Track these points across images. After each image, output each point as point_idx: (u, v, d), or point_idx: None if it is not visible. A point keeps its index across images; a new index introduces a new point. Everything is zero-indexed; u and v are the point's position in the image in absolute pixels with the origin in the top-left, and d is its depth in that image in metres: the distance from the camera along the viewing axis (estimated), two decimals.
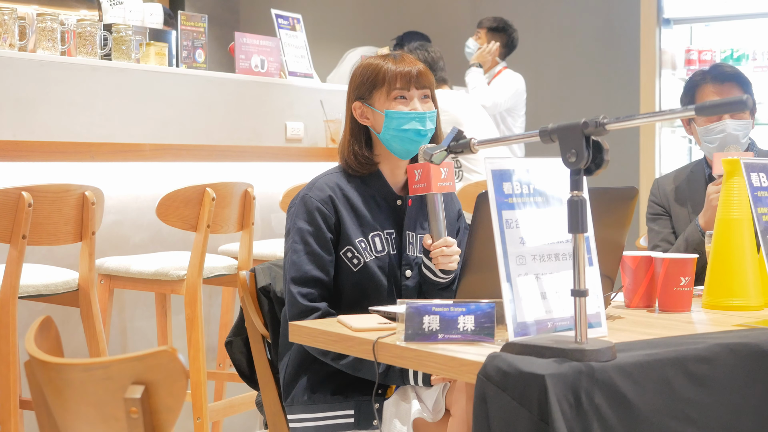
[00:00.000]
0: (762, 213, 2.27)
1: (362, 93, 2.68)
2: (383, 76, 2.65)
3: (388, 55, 2.70)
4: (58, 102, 3.97)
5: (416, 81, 2.65)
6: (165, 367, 1.50)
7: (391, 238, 2.65)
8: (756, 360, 2.00)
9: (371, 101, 2.66)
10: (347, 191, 2.65)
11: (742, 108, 1.78)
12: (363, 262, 2.59)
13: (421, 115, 2.64)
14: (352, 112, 2.70)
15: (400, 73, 2.64)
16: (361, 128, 2.70)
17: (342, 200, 2.62)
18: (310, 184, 2.67)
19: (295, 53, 5.19)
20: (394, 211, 2.69)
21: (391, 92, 2.64)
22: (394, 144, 2.64)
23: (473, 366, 1.87)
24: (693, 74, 3.43)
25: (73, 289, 3.36)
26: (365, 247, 2.61)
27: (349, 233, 2.59)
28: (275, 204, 4.57)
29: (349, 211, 2.62)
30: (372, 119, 2.67)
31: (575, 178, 1.86)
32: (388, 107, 2.64)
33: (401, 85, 2.64)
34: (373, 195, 2.67)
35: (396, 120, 2.62)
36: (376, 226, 2.64)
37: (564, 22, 7.75)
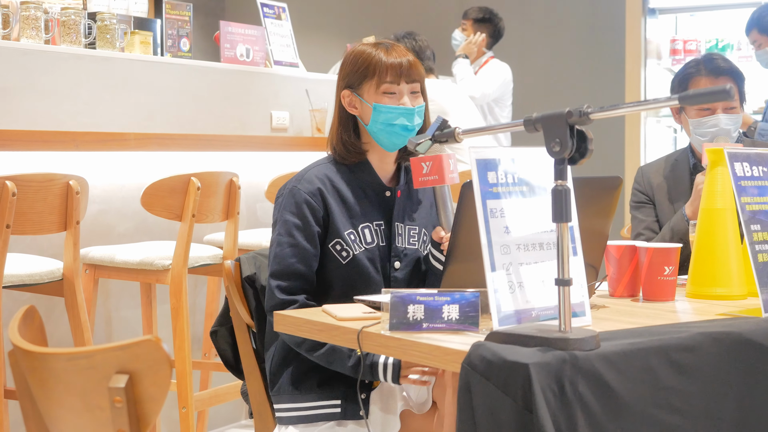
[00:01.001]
0: (746, 202, 2.28)
1: (352, 82, 2.66)
2: (374, 68, 2.62)
3: (379, 43, 2.67)
4: (42, 91, 3.95)
5: (406, 74, 2.62)
6: (149, 356, 1.50)
7: (381, 230, 2.64)
8: (739, 349, 2.01)
9: (360, 91, 2.64)
10: (337, 182, 2.63)
11: (725, 97, 1.78)
12: (352, 255, 2.58)
13: (409, 111, 2.62)
14: (341, 100, 2.68)
15: (391, 65, 2.61)
16: (350, 116, 2.68)
17: (332, 192, 2.61)
18: (299, 176, 2.64)
19: (281, 42, 5.18)
20: (383, 201, 2.67)
21: (380, 85, 2.61)
22: (381, 137, 2.63)
23: (457, 355, 1.87)
24: (686, 64, 3.42)
25: (57, 278, 3.35)
26: (354, 239, 2.59)
27: (338, 225, 2.58)
28: (260, 193, 4.56)
29: (338, 203, 2.60)
30: (360, 109, 2.65)
31: (559, 167, 1.86)
32: (377, 100, 2.61)
33: (391, 78, 2.61)
34: (362, 186, 2.66)
35: (384, 114, 2.60)
36: (366, 217, 2.63)
37: (550, 12, 7.75)
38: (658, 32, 7.24)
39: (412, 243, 2.67)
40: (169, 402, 3.63)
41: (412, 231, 2.67)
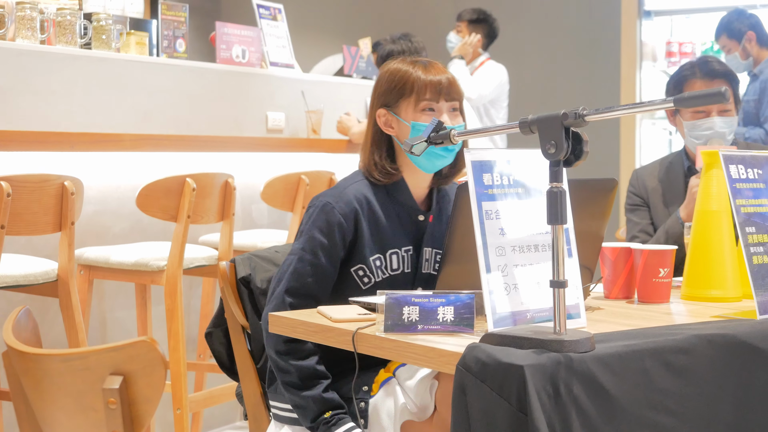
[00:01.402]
0: (740, 205, 2.28)
1: (388, 100, 2.56)
2: (412, 85, 2.53)
3: (416, 61, 2.58)
4: (38, 91, 3.95)
5: (446, 92, 2.54)
6: (143, 358, 1.50)
7: (408, 255, 2.56)
8: (733, 351, 2.01)
9: (397, 110, 2.55)
10: (373, 205, 2.53)
11: (720, 100, 1.78)
12: (373, 282, 2.51)
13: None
14: (376, 120, 2.59)
15: (431, 82, 2.52)
16: (384, 137, 2.58)
17: (367, 214, 2.52)
18: (338, 193, 2.53)
19: (277, 43, 5.18)
20: (414, 226, 2.58)
21: (419, 103, 2.52)
22: (419, 159, 2.52)
23: (452, 357, 1.87)
24: (681, 67, 3.43)
25: (52, 279, 3.35)
26: (380, 265, 2.52)
27: (365, 250, 2.50)
28: (256, 194, 4.56)
29: (371, 227, 2.52)
30: (397, 129, 2.56)
31: (554, 169, 1.86)
32: (415, 119, 2.53)
33: (430, 96, 2.52)
34: (396, 209, 2.57)
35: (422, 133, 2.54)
36: (396, 243, 2.54)
37: (545, 13, 7.76)
38: (653, 34, 7.25)
39: (437, 269, 2.59)
40: (163, 403, 3.62)
41: (439, 256, 2.60)
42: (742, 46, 5.62)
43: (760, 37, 5.62)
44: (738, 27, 5.61)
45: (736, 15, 5.68)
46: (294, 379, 2.44)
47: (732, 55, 5.66)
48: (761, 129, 5.48)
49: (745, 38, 5.60)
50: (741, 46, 5.62)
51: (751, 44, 5.61)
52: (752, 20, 5.64)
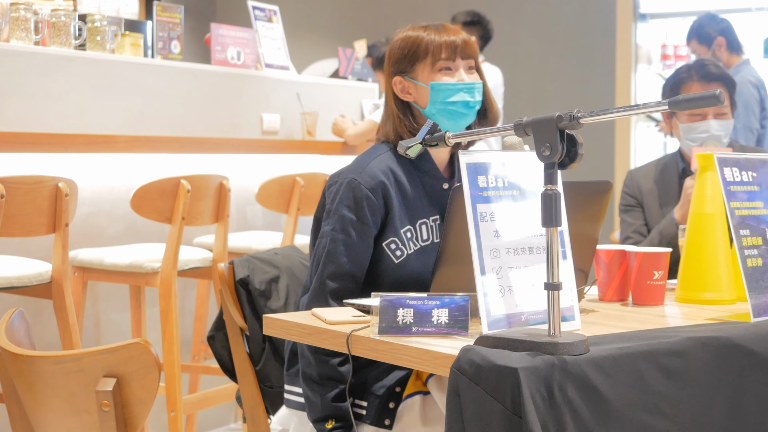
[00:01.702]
0: (735, 207, 2.28)
1: (403, 67, 2.55)
2: (426, 47, 2.52)
3: (428, 25, 2.57)
4: (32, 93, 3.94)
5: (462, 51, 2.53)
6: (137, 360, 1.50)
7: (436, 225, 2.53)
8: (728, 354, 2.01)
9: (413, 75, 2.54)
10: (399, 176, 2.50)
11: (715, 103, 1.78)
12: (405, 254, 2.48)
13: (469, 85, 2.52)
14: (393, 89, 2.56)
15: (445, 42, 2.51)
16: (405, 105, 2.56)
17: (394, 186, 2.49)
18: (360, 167, 2.50)
19: (272, 45, 5.17)
20: (440, 195, 2.56)
21: (436, 63, 2.51)
22: (440, 118, 2.51)
23: (446, 359, 1.87)
24: (678, 69, 3.43)
25: (46, 281, 3.34)
26: (411, 237, 2.49)
27: (396, 223, 2.47)
28: (251, 196, 4.56)
29: (399, 199, 2.49)
30: (415, 94, 2.55)
31: (549, 171, 1.86)
32: (433, 79, 2.51)
33: (446, 55, 2.51)
34: (421, 178, 2.54)
35: (443, 92, 2.50)
36: (424, 212, 2.52)
37: (541, 16, 7.76)
38: (648, 37, 7.26)
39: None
40: (157, 405, 3.63)
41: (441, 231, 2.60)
42: (712, 52, 5.65)
43: (730, 42, 5.66)
44: (708, 32, 5.65)
45: (707, 20, 5.71)
46: (313, 372, 2.41)
47: None
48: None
49: (715, 44, 5.63)
50: (711, 52, 5.65)
51: (721, 50, 5.64)
52: (723, 25, 5.67)
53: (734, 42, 5.69)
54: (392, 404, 2.40)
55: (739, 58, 5.71)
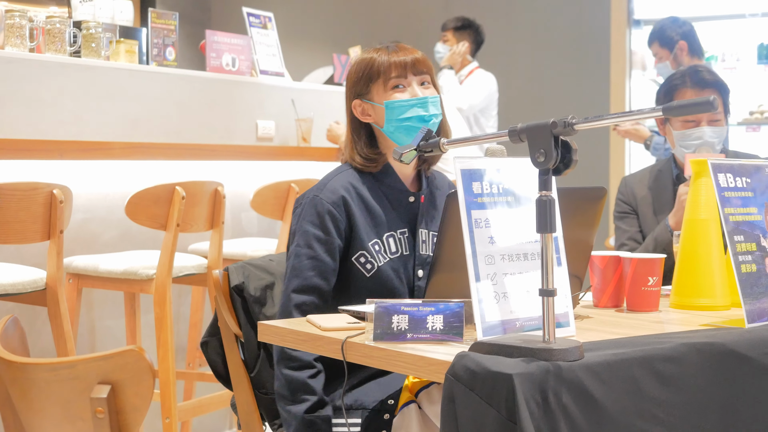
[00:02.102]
0: (729, 213, 2.28)
1: (360, 90, 2.60)
2: (378, 68, 2.57)
3: (380, 48, 2.62)
4: (27, 99, 3.94)
5: (412, 67, 2.57)
6: (132, 367, 1.50)
7: (404, 238, 2.58)
8: (722, 359, 2.01)
9: (370, 96, 2.59)
10: (361, 190, 2.56)
11: (709, 109, 1.79)
12: (376, 267, 2.52)
13: (422, 100, 2.56)
14: (353, 112, 2.62)
15: (395, 62, 2.56)
16: (362, 126, 2.61)
17: (356, 200, 2.54)
18: (321, 185, 2.56)
19: (267, 52, 5.18)
20: (406, 208, 2.61)
21: (388, 82, 2.56)
22: (398, 136, 2.56)
23: (441, 365, 1.87)
24: (672, 75, 3.43)
25: (40, 288, 3.34)
26: (379, 250, 2.53)
27: (362, 237, 2.51)
28: (246, 203, 4.56)
29: (363, 212, 2.53)
30: (374, 115, 2.60)
31: (544, 177, 1.86)
32: (386, 98, 2.56)
33: (397, 73, 2.56)
34: (386, 193, 2.59)
35: (396, 110, 2.55)
36: (390, 226, 2.56)
37: (535, 22, 7.77)
38: (643, 43, 7.27)
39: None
40: (152, 412, 3.62)
41: (436, 237, 2.62)
42: (674, 55, 5.65)
43: (692, 46, 5.65)
44: (671, 35, 5.63)
45: (670, 23, 5.69)
46: (283, 389, 2.43)
47: (663, 64, 5.69)
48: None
49: (676, 47, 5.62)
50: (672, 55, 5.65)
51: (683, 53, 5.63)
52: (685, 29, 5.66)
53: (696, 46, 5.69)
54: (387, 416, 2.41)
55: (700, 61, 5.72)
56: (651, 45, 5.74)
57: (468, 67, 6.52)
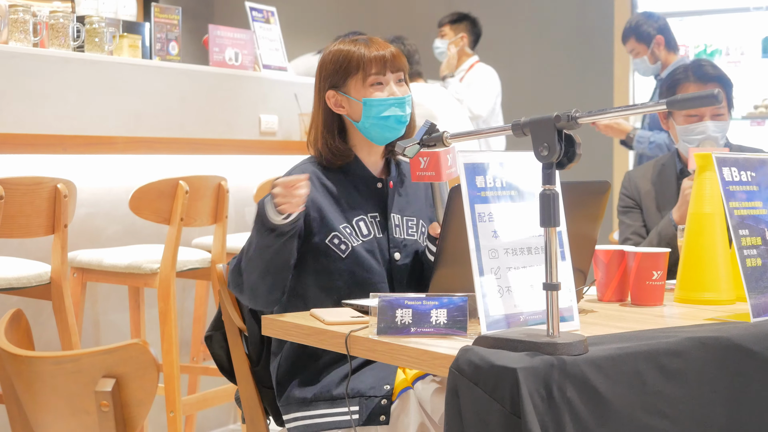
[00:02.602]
0: (734, 207, 2.28)
1: (336, 81, 2.61)
2: (357, 62, 2.58)
3: (357, 39, 2.63)
4: (30, 94, 3.94)
5: (391, 64, 2.60)
6: (136, 360, 1.50)
7: (376, 221, 2.60)
8: (727, 354, 2.01)
9: (346, 89, 2.60)
10: (324, 179, 2.59)
11: (713, 102, 1.79)
12: (351, 247, 2.54)
13: (400, 100, 2.59)
14: (325, 102, 2.63)
15: (375, 57, 2.58)
16: (335, 118, 2.64)
17: (320, 189, 2.57)
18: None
19: (270, 46, 5.17)
20: (375, 193, 2.64)
21: (367, 78, 2.58)
22: (373, 132, 2.59)
23: (445, 359, 1.87)
24: (675, 69, 3.43)
25: (45, 282, 3.34)
26: (350, 233, 2.55)
27: (331, 221, 2.54)
28: (249, 197, 4.56)
29: (328, 199, 2.56)
30: (348, 108, 2.61)
31: (547, 171, 1.86)
32: (365, 95, 2.58)
33: (377, 70, 2.58)
34: (352, 180, 2.62)
35: (375, 107, 2.57)
36: (359, 210, 2.59)
37: (538, 17, 7.76)
38: None
39: (410, 234, 2.63)
40: (156, 406, 3.62)
41: (410, 222, 2.64)
42: (651, 50, 5.68)
43: (668, 41, 5.69)
44: (647, 30, 5.66)
45: (645, 18, 5.73)
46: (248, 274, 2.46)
47: (640, 59, 5.74)
48: (665, 133, 5.59)
49: (653, 42, 5.65)
50: (650, 50, 5.68)
51: (660, 48, 5.67)
52: (660, 23, 5.69)
53: (672, 40, 5.73)
54: (384, 401, 2.41)
55: (676, 56, 5.78)
56: (626, 41, 5.79)
57: (468, 61, 6.51)
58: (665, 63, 5.74)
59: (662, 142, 5.49)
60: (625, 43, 5.79)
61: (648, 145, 5.49)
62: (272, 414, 2.69)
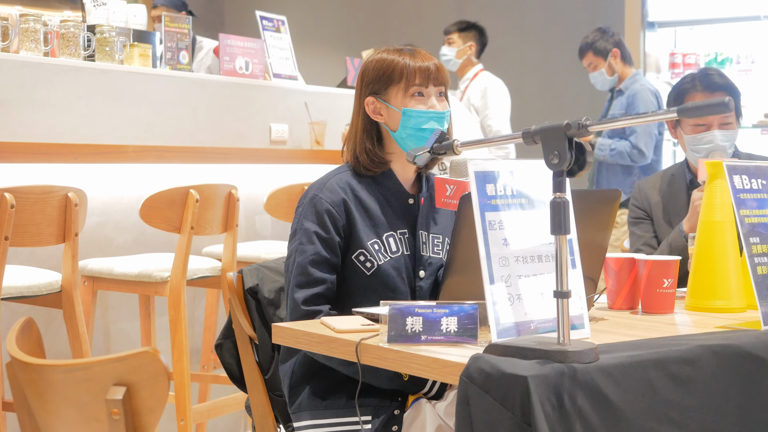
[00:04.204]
0: (744, 215, 2.28)
1: (377, 88, 2.60)
2: (401, 71, 2.57)
3: (401, 49, 2.62)
4: (41, 103, 3.96)
5: (435, 78, 2.59)
6: (147, 368, 1.50)
7: (405, 238, 2.58)
8: (738, 362, 2.00)
9: (386, 97, 2.59)
10: (359, 192, 2.58)
11: (723, 110, 1.78)
12: (376, 265, 2.52)
13: (440, 114, 2.58)
14: (364, 108, 2.62)
15: (420, 68, 2.57)
16: (374, 125, 2.62)
17: (354, 201, 2.55)
18: (320, 184, 2.58)
19: (280, 55, 5.18)
20: (406, 209, 2.62)
21: (409, 88, 2.57)
22: (409, 143, 2.57)
23: (456, 367, 1.87)
24: (682, 79, 3.42)
25: (56, 290, 3.35)
26: (379, 249, 2.54)
27: (361, 236, 2.52)
28: (259, 206, 4.56)
29: (361, 213, 2.55)
30: (386, 116, 2.60)
31: (558, 179, 1.86)
32: (405, 105, 2.57)
33: (420, 81, 2.57)
34: (384, 194, 2.61)
35: (414, 118, 2.56)
36: (390, 226, 2.57)
37: (548, 24, 7.76)
38: (657, 45, 7.25)
39: (436, 252, 2.62)
40: (167, 414, 3.63)
41: (436, 240, 2.64)
42: (608, 63, 6.05)
43: (624, 54, 6.09)
44: (603, 45, 6.06)
45: (600, 33, 6.11)
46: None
47: (598, 72, 6.13)
48: (627, 141, 5.88)
49: (610, 55, 6.04)
50: (607, 63, 6.05)
51: (616, 60, 6.06)
52: (616, 38, 6.10)
53: (627, 54, 6.12)
54: (397, 411, 2.41)
55: (632, 69, 6.13)
56: (584, 56, 6.20)
57: (473, 69, 6.52)
58: (622, 76, 6.10)
59: (623, 150, 5.76)
60: (582, 57, 6.15)
61: (609, 152, 5.84)
62: (282, 422, 2.69)
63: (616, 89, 6.10)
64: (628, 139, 5.84)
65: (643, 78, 6.16)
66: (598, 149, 5.75)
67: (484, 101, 6.37)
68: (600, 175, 6.02)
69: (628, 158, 5.84)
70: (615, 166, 5.92)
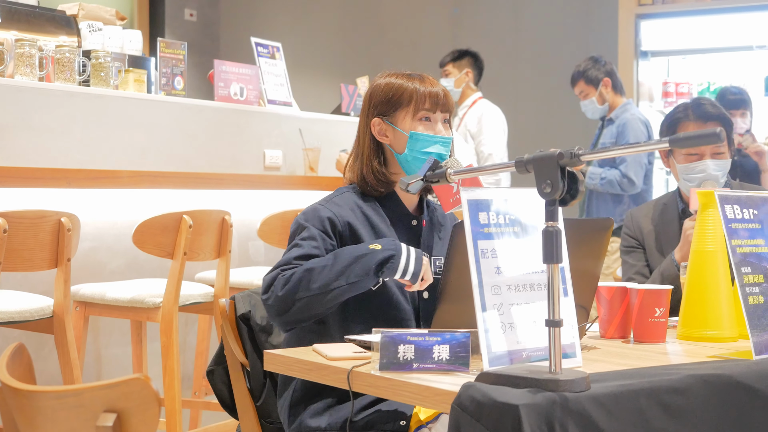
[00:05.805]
0: (736, 245, 2.28)
1: (384, 110, 2.63)
2: (410, 96, 2.60)
3: (410, 74, 2.65)
4: (36, 128, 3.96)
5: (443, 104, 2.62)
6: (137, 395, 1.50)
7: None
8: (729, 391, 2.00)
9: (393, 119, 2.62)
10: (366, 210, 2.59)
11: (715, 140, 1.79)
12: (381, 281, 2.51)
13: (445, 140, 2.61)
14: (370, 129, 2.64)
15: (429, 93, 2.60)
16: (380, 146, 2.65)
17: (361, 219, 2.56)
18: (327, 200, 2.59)
19: (275, 81, 5.20)
20: (410, 231, 2.63)
21: (417, 112, 2.60)
22: (414, 165, 2.59)
23: (447, 396, 1.86)
24: (675, 108, 3.43)
25: (47, 315, 3.34)
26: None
27: None
28: (253, 232, 4.56)
29: (368, 230, 2.56)
30: (392, 138, 2.62)
31: (550, 208, 1.86)
32: (413, 128, 2.59)
33: (429, 106, 2.60)
34: (389, 215, 2.62)
35: (421, 142, 2.58)
36: None
37: (542, 52, 7.80)
38: (650, 74, 7.30)
39: (438, 273, 2.61)
40: None
41: (438, 262, 2.64)
42: (599, 92, 6.09)
43: (615, 84, 6.12)
44: (595, 74, 6.10)
45: (593, 62, 6.14)
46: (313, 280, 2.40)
47: (589, 100, 6.17)
48: (617, 170, 5.92)
49: (601, 84, 6.08)
50: (598, 92, 6.09)
51: (608, 90, 6.10)
52: (607, 68, 6.13)
53: (618, 83, 6.15)
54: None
55: (622, 98, 6.16)
56: (575, 84, 6.23)
57: (471, 97, 6.53)
58: (612, 105, 6.14)
59: (613, 179, 5.78)
60: (574, 85, 6.17)
61: (599, 181, 5.86)
62: None
63: (606, 118, 6.14)
64: (618, 168, 5.88)
65: (633, 107, 6.20)
66: (589, 178, 5.80)
67: (479, 127, 6.38)
68: (590, 204, 6.05)
69: (618, 187, 5.87)
70: (605, 194, 5.95)
